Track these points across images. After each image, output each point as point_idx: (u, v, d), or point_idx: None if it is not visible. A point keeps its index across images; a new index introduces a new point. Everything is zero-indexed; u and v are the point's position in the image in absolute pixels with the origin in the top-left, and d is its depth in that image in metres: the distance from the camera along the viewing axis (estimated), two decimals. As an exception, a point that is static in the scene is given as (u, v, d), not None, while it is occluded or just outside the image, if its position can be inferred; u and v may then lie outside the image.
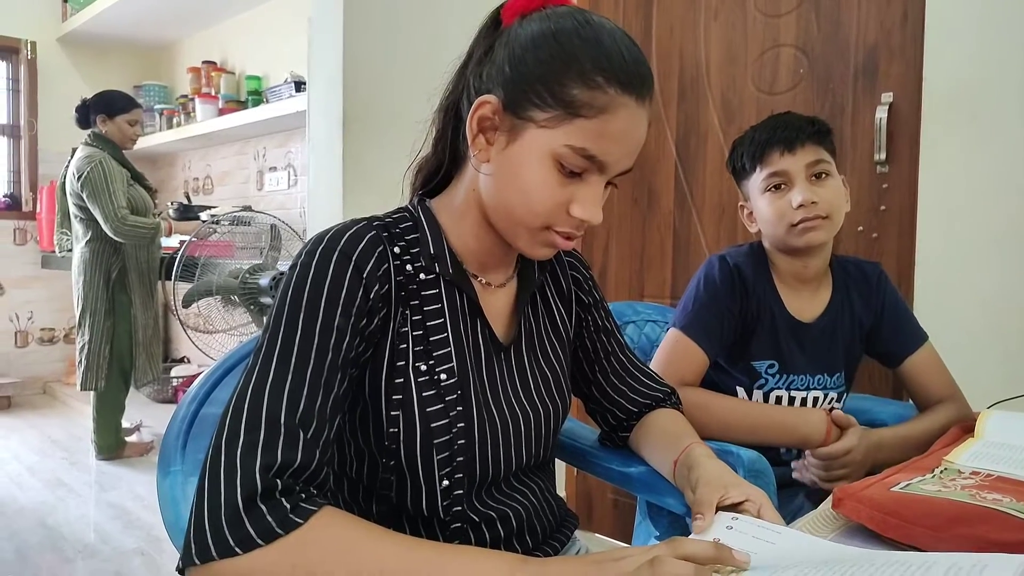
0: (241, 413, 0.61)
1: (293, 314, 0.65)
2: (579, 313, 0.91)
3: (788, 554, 0.58)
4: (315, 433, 0.62)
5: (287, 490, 0.59)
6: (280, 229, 3.19)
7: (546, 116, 0.67)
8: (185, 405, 0.85)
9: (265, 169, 3.90)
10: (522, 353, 0.81)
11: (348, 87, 1.82)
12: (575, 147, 0.66)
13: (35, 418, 3.93)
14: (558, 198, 0.69)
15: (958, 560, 0.46)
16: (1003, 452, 0.88)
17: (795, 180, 1.15)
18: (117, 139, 3.08)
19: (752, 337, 1.21)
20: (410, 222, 0.76)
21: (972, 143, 1.51)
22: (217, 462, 0.59)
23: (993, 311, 1.49)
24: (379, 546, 0.58)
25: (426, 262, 0.73)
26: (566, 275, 0.90)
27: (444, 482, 0.71)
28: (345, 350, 0.65)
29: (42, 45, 4.42)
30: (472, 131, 0.71)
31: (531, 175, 0.68)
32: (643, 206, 2.17)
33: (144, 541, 2.34)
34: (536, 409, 0.80)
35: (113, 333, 3.06)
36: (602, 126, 0.66)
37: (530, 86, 0.67)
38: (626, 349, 0.96)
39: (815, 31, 1.82)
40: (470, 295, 0.75)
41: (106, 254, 3.03)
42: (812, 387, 1.22)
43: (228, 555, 0.56)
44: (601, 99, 0.66)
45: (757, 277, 1.21)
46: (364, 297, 0.67)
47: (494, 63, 0.70)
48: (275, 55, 3.73)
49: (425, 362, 0.71)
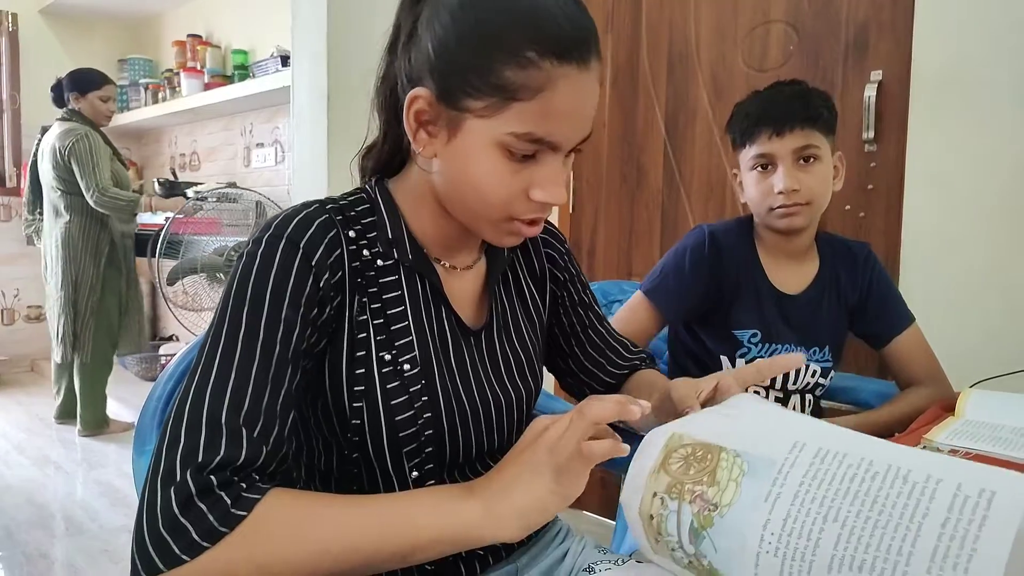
0: (182, 416, 0.57)
1: (237, 308, 0.61)
2: (554, 291, 0.88)
3: (792, 433, 0.55)
4: (262, 431, 0.58)
5: (225, 483, 0.55)
6: (266, 206, 3.16)
7: (482, 105, 0.61)
8: (161, 384, 0.84)
9: (252, 145, 3.86)
10: (493, 337, 0.77)
11: (332, 62, 1.79)
12: (518, 133, 0.61)
13: (22, 396, 3.91)
14: (514, 187, 0.64)
15: (964, 483, 0.45)
16: (982, 430, 0.88)
17: (780, 163, 1.15)
18: (91, 116, 3.13)
19: (732, 306, 1.22)
20: (367, 204, 0.71)
21: (960, 122, 1.50)
22: (156, 469, 0.55)
23: (978, 290, 1.49)
24: (334, 513, 0.56)
25: (384, 247, 0.69)
26: (539, 253, 0.86)
27: (414, 473, 0.69)
28: (296, 342, 0.61)
29: (23, 17, 4.33)
30: (411, 128, 0.66)
31: (479, 168, 0.63)
32: (631, 184, 2.16)
33: (131, 518, 2.32)
34: (508, 393, 0.77)
35: (100, 307, 3.11)
36: (544, 106, 0.60)
37: (458, 74, 0.61)
38: (604, 321, 0.94)
39: (806, 6, 1.80)
40: (432, 281, 0.71)
41: (94, 230, 3.07)
42: None
43: (175, 564, 0.52)
44: (537, 77, 0.59)
45: (739, 248, 1.23)
46: (314, 286, 0.63)
47: (419, 47, 0.64)
48: (261, 29, 3.68)
49: (388, 351, 0.67)
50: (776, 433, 0.55)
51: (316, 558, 0.55)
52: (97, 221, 3.06)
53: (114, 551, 2.11)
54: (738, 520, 0.50)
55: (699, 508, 0.51)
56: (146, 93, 4.21)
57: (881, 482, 0.47)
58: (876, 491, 0.47)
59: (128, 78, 4.37)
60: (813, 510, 0.47)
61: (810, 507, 0.47)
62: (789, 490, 0.49)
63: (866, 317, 1.26)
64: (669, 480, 0.54)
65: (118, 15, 4.50)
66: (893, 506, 0.46)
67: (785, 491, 0.49)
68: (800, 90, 1.18)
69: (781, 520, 0.48)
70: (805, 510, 0.47)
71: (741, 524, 0.49)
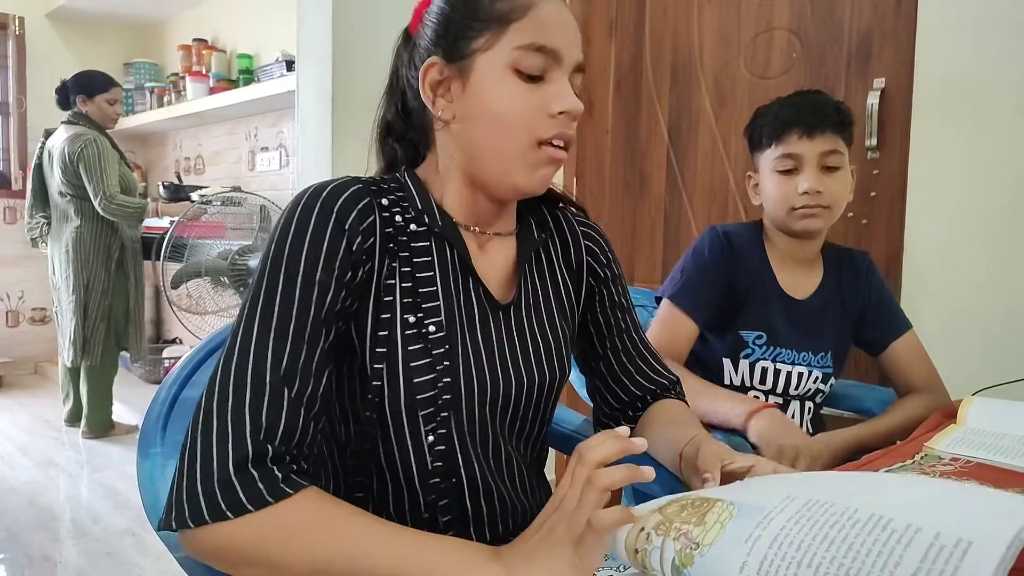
0: (229, 373, 0.62)
1: (274, 272, 0.65)
2: (591, 285, 0.89)
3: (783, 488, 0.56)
4: (299, 390, 0.63)
5: (277, 458, 0.60)
6: (270, 210, 3.17)
7: (484, 39, 0.71)
8: (166, 387, 0.84)
9: (257, 149, 3.87)
10: (521, 314, 0.79)
11: (337, 66, 1.80)
12: (523, 45, 0.70)
13: (26, 398, 3.93)
14: (532, 104, 0.71)
15: (944, 531, 0.45)
16: (984, 439, 0.89)
17: (806, 166, 1.16)
18: (98, 119, 3.13)
19: (742, 308, 1.22)
20: (396, 183, 0.76)
21: (963, 130, 1.51)
22: (209, 423, 0.60)
23: (980, 298, 1.50)
24: (365, 522, 0.60)
25: (415, 214, 0.74)
26: (578, 243, 0.88)
27: (430, 438, 0.71)
28: (329, 304, 0.66)
29: (30, 20, 4.36)
30: (429, 98, 0.74)
31: (498, 96, 0.71)
32: (634, 190, 2.17)
33: (134, 521, 2.34)
34: (532, 375, 0.78)
35: (111, 311, 3.13)
36: (535, 20, 0.70)
37: (459, 26, 0.71)
38: (640, 329, 0.94)
39: (809, 14, 1.80)
40: (460, 252, 0.75)
41: (104, 234, 3.10)
42: (798, 362, 1.23)
43: (220, 519, 0.57)
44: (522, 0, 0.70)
45: (750, 249, 1.24)
46: (347, 250, 0.67)
47: (419, 46, 0.75)
48: (266, 34, 3.69)
49: (413, 314, 0.70)
50: (775, 487, 0.56)
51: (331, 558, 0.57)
52: (108, 225, 3.09)
53: (117, 554, 2.11)
54: (717, 559, 0.50)
55: (682, 546, 0.52)
56: (151, 97, 4.23)
57: (860, 529, 0.48)
58: (853, 538, 0.47)
59: (134, 82, 4.39)
60: (789, 554, 0.48)
61: (787, 551, 0.48)
62: (770, 533, 0.49)
63: (866, 324, 1.27)
64: (660, 519, 0.55)
65: (124, 19, 4.52)
66: (867, 554, 0.46)
67: (766, 534, 0.49)
68: (828, 99, 1.20)
69: (758, 562, 0.48)
70: (782, 554, 0.48)
71: (720, 563, 0.50)
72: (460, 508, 0.75)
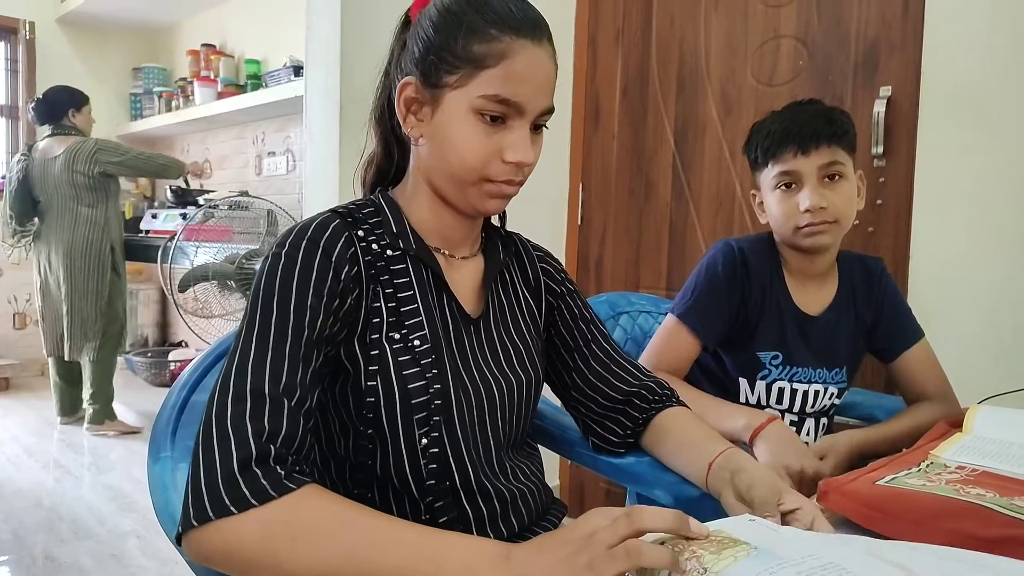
0: (228, 388, 0.65)
1: (268, 298, 0.69)
2: (550, 301, 0.94)
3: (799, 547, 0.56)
4: (298, 402, 0.66)
5: (280, 458, 0.62)
6: (277, 215, 3.19)
7: (456, 77, 0.74)
8: (176, 392, 0.85)
9: (264, 154, 3.89)
10: (491, 326, 0.85)
11: (345, 72, 1.81)
12: (487, 95, 0.73)
13: (33, 399, 3.94)
14: (488, 148, 0.75)
15: None
16: (990, 447, 0.89)
17: (806, 181, 1.12)
18: (84, 129, 3.36)
19: (757, 327, 1.19)
20: (372, 208, 0.81)
21: (969, 138, 1.51)
22: (210, 432, 0.62)
23: (987, 306, 1.49)
24: (368, 517, 0.61)
25: (390, 240, 0.78)
26: (534, 264, 0.94)
27: (423, 440, 0.74)
28: (320, 328, 0.69)
29: (41, 25, 4.39)
30: (402, 113, 0.79)
31: (459, 133, 0.75)
32: (640, 197, 2.17)
33: (139, 523, 2.35)
34: (508, 379, 0.83)
35: (108, 309, 3.29)
36: (506, 71, 0.73)
37: (437, 56, 0.75)
38: (609, 339, 0.96)
39: (816, 22, 1.81)
40: (435, 270, 0.80)
41: (96, 237, 3.26)
42: (814, 380, 1.21)
43: (224, 515, 0.59)
44: (498, 47, 0.73)
45: (765, 267, 1.20)
46: (335, 278, 0.71)
47: (407, 52, 0.79)
48: (274, 39, 3.71)
49: (398, 331, 0.75)
50: (804, 544, 0.56)
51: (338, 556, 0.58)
52: (100, 230, 3.24)
53: (122, 555, 2.12)
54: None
55: (691, 568, 0.51)
56: (160, 101, 4.25)
57: None
58: None
59: (142, 86, 4.42)
60: None
61: None
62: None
63: (878, 332, 1.24)
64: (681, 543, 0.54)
65: (134, 24, 4.55)
66: None
67: None
68: (821, 108, 1.16)
69: None
70: None
71: None
72: (459, 509, 0.77)
